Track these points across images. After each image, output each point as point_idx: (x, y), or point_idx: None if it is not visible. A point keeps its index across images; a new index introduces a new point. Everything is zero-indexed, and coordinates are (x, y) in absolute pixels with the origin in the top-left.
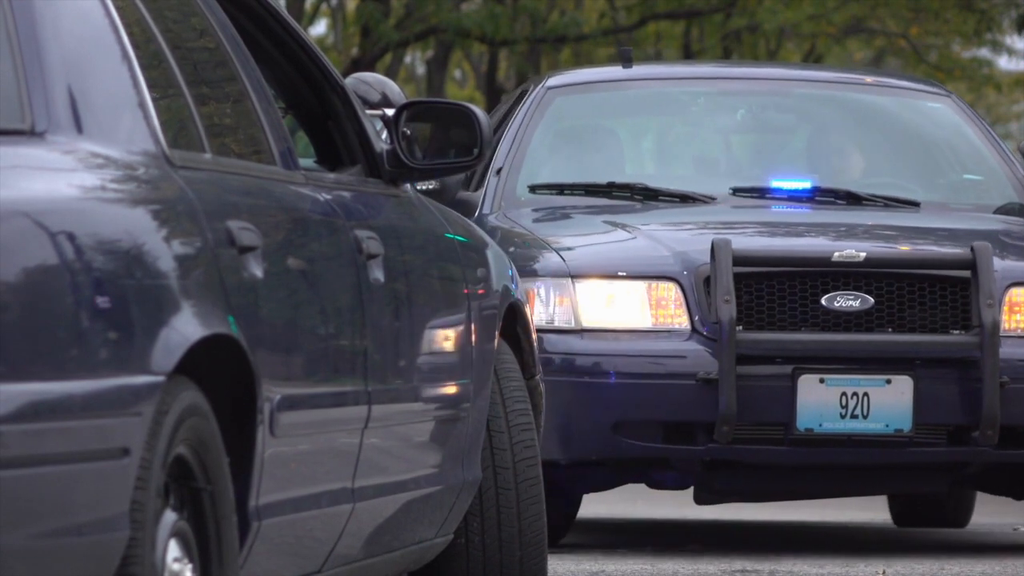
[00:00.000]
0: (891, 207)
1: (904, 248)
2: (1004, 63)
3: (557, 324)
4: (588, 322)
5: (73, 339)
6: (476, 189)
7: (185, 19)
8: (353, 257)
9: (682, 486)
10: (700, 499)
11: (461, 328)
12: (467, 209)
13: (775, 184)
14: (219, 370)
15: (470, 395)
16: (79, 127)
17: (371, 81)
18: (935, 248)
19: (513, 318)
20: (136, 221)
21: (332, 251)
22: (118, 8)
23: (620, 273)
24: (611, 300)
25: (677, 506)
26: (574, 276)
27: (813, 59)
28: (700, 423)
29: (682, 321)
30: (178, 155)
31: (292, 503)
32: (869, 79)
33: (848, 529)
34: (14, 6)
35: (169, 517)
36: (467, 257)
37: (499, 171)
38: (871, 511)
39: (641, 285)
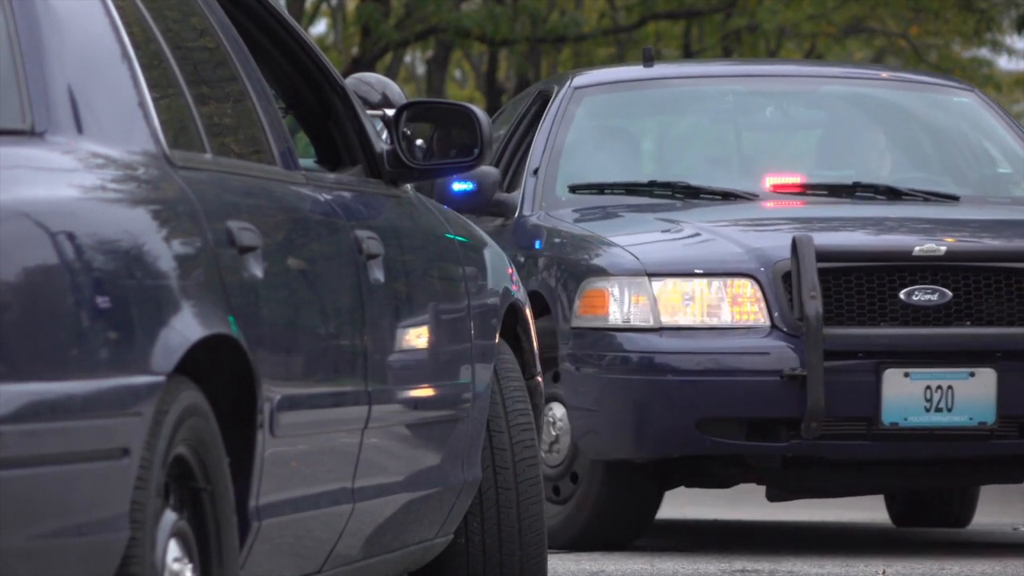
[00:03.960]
0: (931, 201)
1: (988, 241)
2: (1004, 63)
3: (634, 323)
4: (667, 320)
5: (73, 339)
6: (512, 191)
7: (185, 19)
8: (353, 257)
9: (757, 482)
10: (773, 496)
11: (461, 328)
12: (505, 210)
13: (814, 180)
14: (219, 370)
15: (470, 395)
16: (79, 127)
17: (372, 81)
18: (1017, 242)
19: (513, 318)
20: (136, 221)
21: (332, 251)
22: (118, 8)
23: (697, 271)
24: (689, 298)
25: (677, 506)
26: (651, 274)
27: (813, 59)
28: (783, 419)
29: (760, 317)
30: (178, 155)
31: (292, 503)
32: (892, 75)
33: (848, 529)
34: (15, 6)
35: (169, 517)
36: (467, 257)
37: (536, 172)
38: (871, 511)
39: (718, 282)
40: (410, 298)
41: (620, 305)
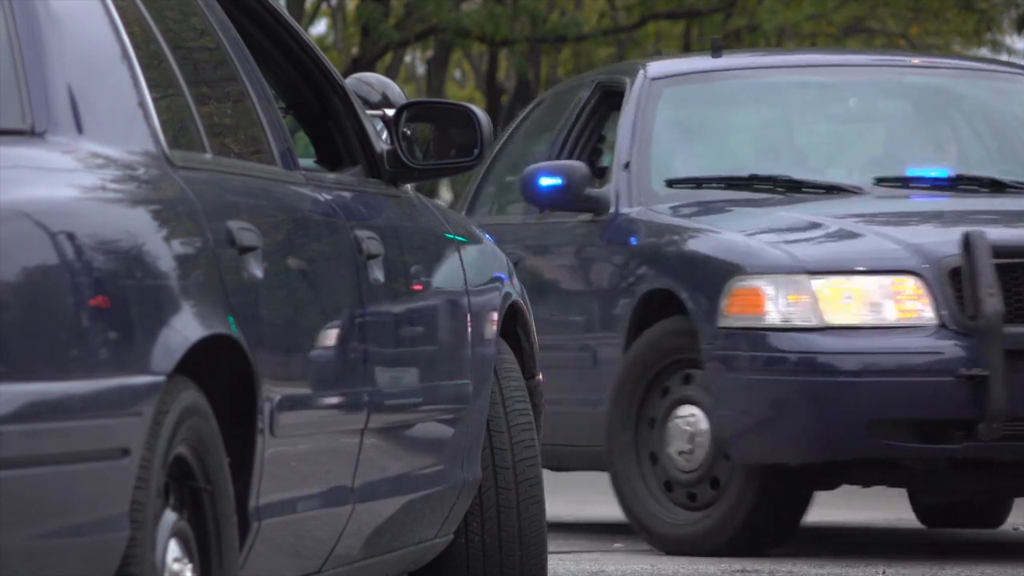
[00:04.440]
0: None
1: None
2: None
3: (795, 322)
4: (830, 319)
5: (73, 339)
6: (602, 186)
7: (185, 19)
8: (353, 257)
9: (900, 484)
10: (922, 503)
11: (460, 328)
12: (597, 206)
13: (915, 172)
14: (219, 370)
15: (470, 395)
16: (79, 127)
17: (372, 82)
18: None
19: (513, 318)
20: (136, 221)
21: (332, 251)
22: (118, 8)
23: (858, 268)
24: (852, 296)
25: None
26: (811, 272)
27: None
28: (956, 420)
29: (926, 315)
30: (178, 155)
31: (292, 503)
32: (971, 62)
33: (848, 529)
34: (15, 7)
35: (169, 517)
36: (467, 257)
37: (627, 166)
38: (871, 511)
39: (881, 280)
40: (410, 298)
41: (776, 304)
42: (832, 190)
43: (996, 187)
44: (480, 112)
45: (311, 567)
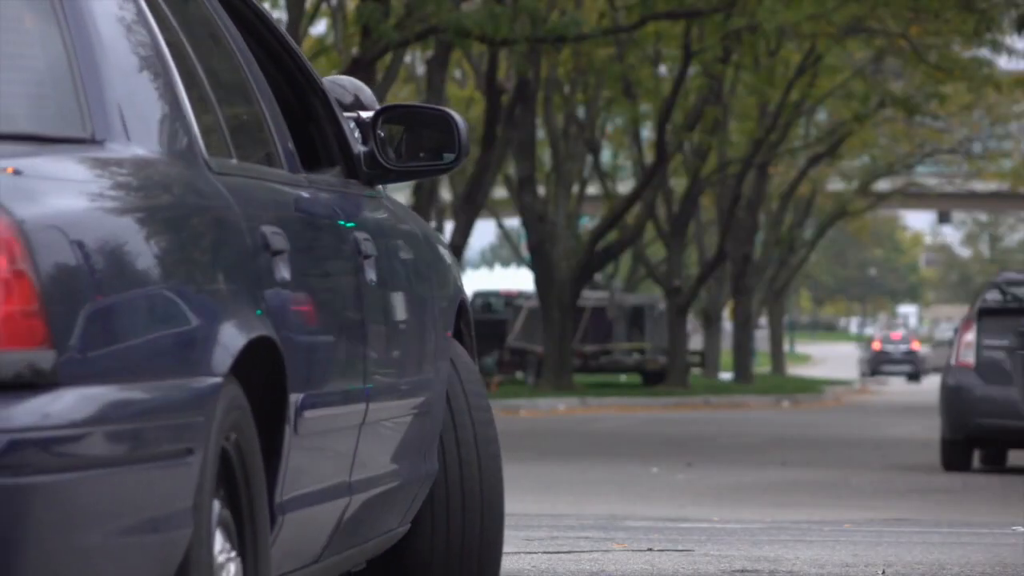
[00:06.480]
0: None
1: None
2: (1004, 63)
3: None
4: None
5: (146, 343)
6: None
7: (204, 28)
8: (355, 259)
9: None
10: None
11: (431, 325)
12: None
13: None
14: (255, 369)
15: (435, 390)
16: (128, 135)
17: (346, 84)
18: None
19: (459, 314)
20: (193, 227)
21: (338, 253)
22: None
23: None
24: None
25: (677, 506)
26: None
27: (813, 59)
28: None
29: None
30: (215, 162)
31: (308, 498)
32: None
33: (848, 529)
34: (71, 28)
35: (215, 509)
36: (432, 256)
37: None
38: (871, 511)
39: None
40: (394, 298)
41: None
42: None
43: None
44: (458, 117)
45: (310, 558)
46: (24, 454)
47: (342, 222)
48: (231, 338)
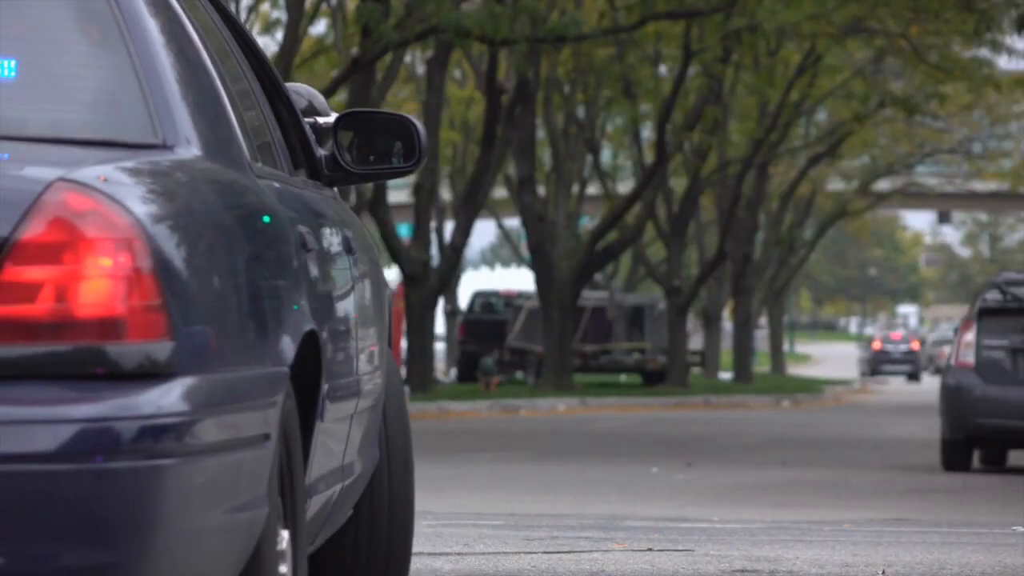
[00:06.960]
0: None
1: None
2: (1004, 63)
3: None
4: None
5: (238, 335)
6: None
7: (215, 38)
8: (348, 256)
9: None
10: None
11: (383, 320)
12: None
13: None
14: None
15: (383, 382)
16: (191, 141)
17: (301, 90)
18: None
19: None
20: (258, 226)
21: (339, 249)
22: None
23: None
24: None
25: (677, 506)
26: None
27: (813, 59)
28: None
29: None
30: (256, 166)
31: (322, 482)
32: None
33: (848, 529)
34: (132, 38)
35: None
36: (375, 253)
37: None
38: (871, 511)
39: None
40: (368, 293)
41: None
42: None
43: None
44: (417, 122)
45: (310, 540)
46: (151, 439)
47: (337, 220)
48: (294, 330)
